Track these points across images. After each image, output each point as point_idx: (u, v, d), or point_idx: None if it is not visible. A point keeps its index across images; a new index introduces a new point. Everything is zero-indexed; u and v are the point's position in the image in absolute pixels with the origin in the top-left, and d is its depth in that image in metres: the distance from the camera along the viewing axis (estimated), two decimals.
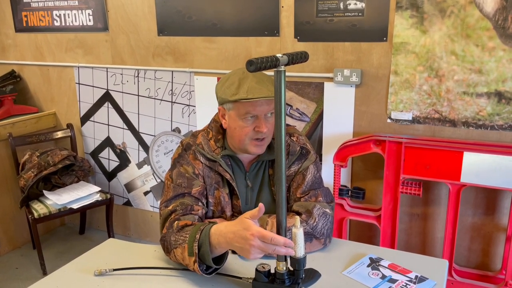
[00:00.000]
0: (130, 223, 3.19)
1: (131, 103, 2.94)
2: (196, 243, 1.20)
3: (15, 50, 3.26)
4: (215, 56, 2.58)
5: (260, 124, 1.36)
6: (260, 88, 1.32)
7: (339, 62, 2.25)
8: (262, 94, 1.31)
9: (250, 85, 1.33)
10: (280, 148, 1.09)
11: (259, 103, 1.34)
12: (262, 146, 1.41)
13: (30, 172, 2.79)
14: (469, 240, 2.19)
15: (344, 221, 2.27)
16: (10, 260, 3.00)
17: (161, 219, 1.39)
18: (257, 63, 0.93)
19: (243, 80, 1.35)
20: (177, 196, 1.40)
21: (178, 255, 1.26)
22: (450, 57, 2.01)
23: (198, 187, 1.42)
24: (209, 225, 1.24)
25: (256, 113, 1.35)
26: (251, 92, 1.32)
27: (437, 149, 1.99)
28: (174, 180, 1.44)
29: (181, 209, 1.37)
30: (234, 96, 1.33)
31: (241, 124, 1.37)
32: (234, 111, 1.38)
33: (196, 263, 1.19)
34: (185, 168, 1.45)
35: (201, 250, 1.20)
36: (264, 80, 1.36)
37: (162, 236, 1.34)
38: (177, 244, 1.26)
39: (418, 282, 1.21)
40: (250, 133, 1.38)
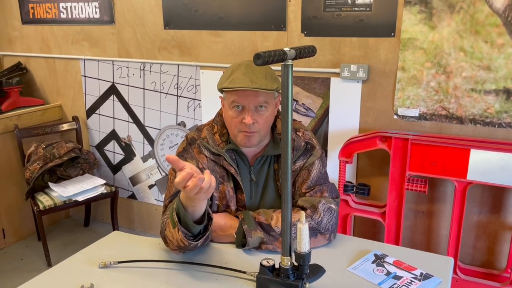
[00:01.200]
0: (135, 216, 3.20)
1: (136, 96, 2.94)
2: (174, 212, 1.21)
3: (21, 42, 3.27)
4: (221, 50, 2.57)
5: (246, 115, 1.37)
6: (244, 79, 1.34)
7: (346, 57, 2.23)
8: (242, 84, 1.33)
9: (236, 76, 1.35)
10: (286, 142, 1.09)
11: (245, 93, 1.35)
12: (249, 138, 1.41)
13: (36, 164, 2.80)
14: (474, 238, 2.17)
15: (348, 217, 2.26)
16: (15, 251, 3.02)
17: (163, 214, 1.39)
18: (265, 56, 0.92)
19: (234, 71, 1.38)
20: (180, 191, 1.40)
21: (168, 235, 1.26)
22: (458, 54, 1.99)
23: None
24: None
25: (242, 103, 1.37)
26: (233, 82, 1.35)
27: (443, 146, 1.98)
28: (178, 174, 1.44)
29: None
30: (221, 85, 1.39)
31: (231, 114, 1.40)
32: (226, 100, 1.42)
33: (180, 231, 1.20)
34: (189, 162, 1.45)
35: (180, 217, 1.21)
36: (254, 71, 1.36)
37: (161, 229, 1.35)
38: (164, 225, 1.28)
39: (423, 279, 1.21)
40: (238, 124, 1.39)
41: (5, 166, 2.98)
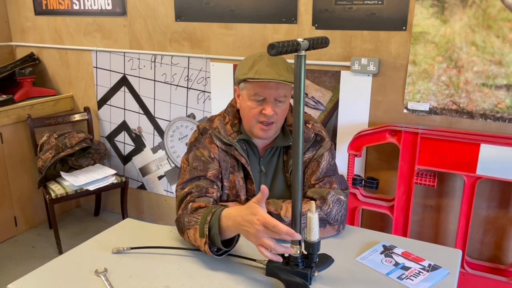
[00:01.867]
0: (144, 207, 3.24)
1: (147, 88, 2.97)
2: (207, 225, 1.22)
3: (34, 33, 3.30)
4: (232, 42, 2.58)
5: (267, 106, 1.38)
6: (269, 71, 1.34)
7: (357, 50, 2.23)
8: (269, 76, 1.33)
9: (260, 67, 1.35)
10: (298, 133, 1.10)
11: (268, 85, 1.36)
12: (267, 131, 1.42)
13: (48, 154, 2.85)
14: (482, 233, 2.18)
15: (356, 210, 2.27)
16: (27, 238, 3.08)
17: (177, 200, 1.42)
18: (279, 46, 0.94)
19: (257, 61, 1.38)
20: (193, 179, 1.43)
21: (191, 236, 1.28)
22: (470, 48, 1.99)
23: (213, 171, 1.44)
24: (220, 208, 1.25)
25: (264, 95, 1.37)
26: (259, 73, 1.34)
27: (453, 141, 1.98)
28: (190, 163, 1.46)
29: (197, 191, 1.39)
30: (244, 75, 1.38)
31: (250, 104, 1.40)
32: (245, 91, 1.41)
33: (207, 244, 1.21)
34: (201, 151, 1.47)
35: (211, 232, 1.22)
36: (278, 64, 1.37)
37: (177, 217, 1.37)
38: (190, 225, 1.28)
39: (431, 270, 1.22)
40: (257, 115, 1.40)
41: (18, 155, 3.02)
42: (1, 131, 2.90)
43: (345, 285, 1.16)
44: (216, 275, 1.20)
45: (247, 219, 1.13)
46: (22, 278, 1.19)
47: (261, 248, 1.12)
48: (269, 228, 1.09)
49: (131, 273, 1.21)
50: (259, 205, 1.13)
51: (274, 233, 1.09)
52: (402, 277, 1.19)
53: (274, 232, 1.09)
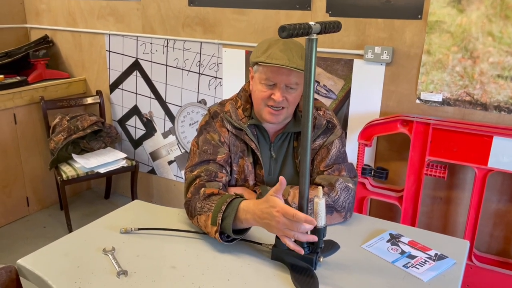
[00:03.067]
0: (154, 191, 3.27)
1: (159, 72, 2.97)
2: (221, 214, 1.22)
3: (48, 15, 3.32)
4: (244, 28, 2.56)
5: (276, 92, 1.37)
6: (282, 56, 1.33)
7: (371, 39, 2.21)
8: (280, 62, 1.32)
9: (274, 51, 1.34)
10: (307, 118, 1.10)
11: (280, 71, 1.35)
12: (276, 115, 1.41)
13: (60, 136, 2.88)
14: (492, 226, 2.16)
15: (365, 200, 2.27)
16: (39, 219, 3.13)
17: (186, 183, 1.42)
18: (290, 29, 0.93)
19: (272, 45, 1.37)
20: (202, 162, 1.43)
21: (201, 222, 1.29)
22: (486, 38, 1.95)
23: (223, 155, 1.45)
24: (237, 199, 1.26)
25: (275, 81, 1.37)
26: (271, 57, 1.34)
27: (466, 133, 1.95)
28: (200, 146, 1.47)
29: (206, 175, 1.39)
30: (257, 58, 1.38)
31: (260, 88, 1.40)
32: (258, 74, 1.41)
33: (217, 233, 1.22)
34: (211, 135, 1.47)
35: (224, 222, 1.22)
36: (292, 49, 1.35)
37: (186, 200, 1.38)
38: (202, 211, 1.29)
39: (437, 259, 1.22)
40: (266, 98, 1.39)
41: (31, 136, 3.07)
42: (15, 112, 2.94)
43: (350, 271, 1.17)
44: (222, 257, 1.21)
45: (267, 212, 1.14)
46: (31, 254, 1.22)
47: (285, 239, 1.13)
48: (288, 217, 1.10)
49: (139, 252, 1.22)
50: (276, 196, 1.15)
51: (294, 222, 1.10)
52: (408, 265, 1.19)
53: (294, 221, 1.10)
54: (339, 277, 1.14)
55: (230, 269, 1.16)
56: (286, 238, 1.13)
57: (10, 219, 3.05)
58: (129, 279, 1.10)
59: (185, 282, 1.10)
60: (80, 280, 1.10)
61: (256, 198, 1.40)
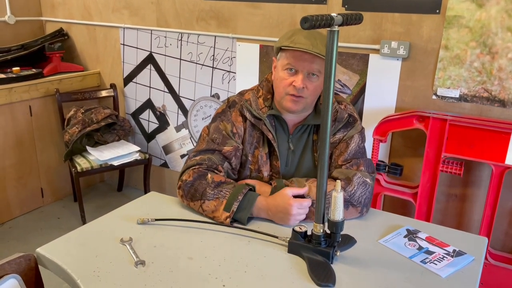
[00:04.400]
0: (166, 184, 3.29)
1: (173, 66, 2.98)
2: (237, 203, 1.31)
3: (64, 9, 3.34)
4: (259, 22, 2.55)
5: (298, 78, 1.37)
6: (306, 42, 1.34)
7: (387, 33, 2.19)
8: (303, 46, 1.33)
9: (298, 37, 1.36)
10: (327, 109, 1.09)
11: (302, 57, 1.35)
12: (297, 103, 1.41)
13: (75, 128, 2.90)
14: (507, 225, 2.13)
15: (379, 196, 2.25)
16: (53, 210, 3.17)
17: (185, 165, 1.45)
18: (312, 20, 0.92)
19: (296, 33, 1.38)
20: (208, 150, 1.46)
21: (209, 207, 1.34)
22: (505, 34, 1.92)
23: (230, 147, 1.45)
24: (252, 194, 1.35)
25: (297, 67, 1.37)
26: (295, 42, 1.35)
27: (483, 129, 1.93)
28: (210, 133, 1.48)
29: (207, 164, 1.42)
30: (281, 43, 1.39)
31: (281, 75, 1.40)
32: (280, 61, 1.42)
33: (229, 218, 1.31)
34: (224, 124, 1.48)
35: (239, 213, 1.32)
36: (316, 38, 1.36)
37: (186, 182, 1.40)
38: (213, 197, 1.34)
39: (455, 256, 1.20)
40: (287, 86, 1.39)
41: (46, 128, 3.09)
42: (30, 104, 2.96)
43: (367, 266, 1.16)
44: (239, 250, 1.21)
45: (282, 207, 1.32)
46: (50, 243, 1.23)
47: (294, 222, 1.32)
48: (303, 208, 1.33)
49: (156, 243, 1.23)
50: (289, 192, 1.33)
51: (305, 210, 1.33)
52: (426, 261, 1.18)
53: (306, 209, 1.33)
54: (356, 271, 1.13)
55: (247, 261, 1.16)
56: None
57: (24, 210, 3.09)
58: (147, 269, 1.11)
59: (202, 273, 1.10)
60: (99, 269, 1.11)
61: (271, 191, 1.40)
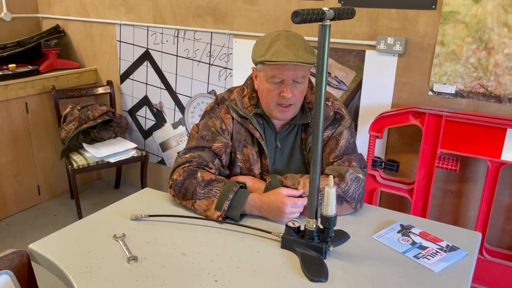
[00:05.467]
0: (163, 181, 3.28)
1: (169, 63, 2.97)
2: (228, 202, 1.30)
3: (60, 5, 3.33)
4: (256, 18, 2.55)
5: (285, 89, 1.36)
6: (287, 52, 1.31)
7: (383, 29, 2.18)
8: (287, 58, 1.30)
9: (277, 48, 1.32)
10: (319, 106, 1.09)
11: (286, 67, 1.33)
12: (286, 112, 1.41)
13: (71, 125, 2.90)
14: (503, 221, 2.13)
15: (375, 192, 2.25)
16: (50, 207, 3.16)
17: (175, 164, 1.45)
18: (303, 14, 0.92)
19: (274, 42, 1.34)
20: (198, 147, 1.45)
21: (201, 206, 1.33)
22: (502, 29, 1.91)
23: (220, 144, 1.45)
24: (243, 190, 1.34)
25: (282, 77, 1.35)
26: (276, 55, 1.31)
27: (479, 125, 1.93)
28: (199, 131, 1.48)
29: (197, 162, 1.41)
30: (261, 57, 1.34)
31: (268, 87, 1.38)
32: (263, 73, 1.39)
33: (221, 218, 1.30)
34: (213, 121, 1.47)
35: (231, 211, 1.31)
36: (295, 44, 1.33)
37: (177, 182, 1.39)
38: (204, 196, 1.33)
39: (449, 251, 1.20)
40: (276, 97, 1.38)
41: (42, 125, 3.09)
42: (27, 101, 2.96)
43: (360, 261, 1.16)
44: (232, 245, 1.21)
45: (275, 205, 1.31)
46: (42, 239, 1.23)
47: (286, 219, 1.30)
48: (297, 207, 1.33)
49: (149, 239, 1.23)
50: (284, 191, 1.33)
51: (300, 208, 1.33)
52: (419, 256, 1.18)
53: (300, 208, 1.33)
54: (349, 266, 1.13)
55: (240, 256, 1.16)
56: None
57: (21, 207, 3.09)
58: (139, 265, 1.11)
59: (194, 268, 1.10)
60: (91, 265, 1.10)
61: (265, 187, 1.40)
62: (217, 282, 1.05)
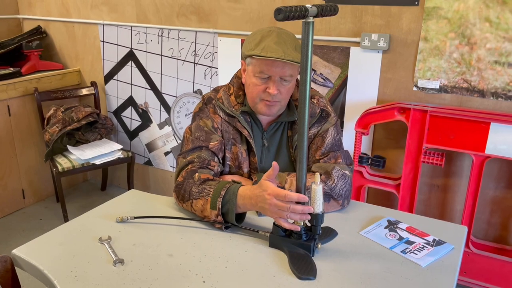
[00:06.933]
0: (150, 182, 3.26)
1: (154, 63, 2.94)
2: (221, 199, 1.25)
3: (41, 6, 3.28)
4: (240, 16, 2.54)
5: (272, 85, 1.35)
6: (277, 49, 1.30)
7: (367, 26, 2.19)
8: (275, 55, 1.29)
9: (267, 44, 1.31)
10: (304, 103, 1.08)
11: (274, 64, 1.32)
12: (271, 107, 1.40)
13: (55, 127, 2.85)
14: (489, 213, 2.16)
15: (362, 188, 2.26)
16: (35, 211, 3.12)
17: (178, 168, 1.42)
18: (286, 11, 0.91)
19: (265, 37, 1.34)
20: (195, 148, 1.43)
21: (198, 206, 1.29)
22: (483, 24, 1.94)
23: (215, 142, 1.44)
24: (236, 185, 1.28)
25: (269, 73, 1.35)
26: (265, 51, 1.31)
27: (463, 119, 1.95)
28: (193, 133, 1.46)
29: (198, 161, 1.39)
30: (251, 51, 1.34)
31: (254, 81, 1.38)
32: (251, 67, 1.38)
33: (219, 216, 1.24)
34: (204, 121, 1.46)
35: (225, 207, 1.25)
36: (286, 42, 1.33)
37: (178, 183, 1.37)
38: (199, 196, 1.29)
39: (435, 245, 1.21)
40: (261, 93, 1.38)
41: (25, 128, 3.04)
42: (9, 104, 2.90)
43: (348, 257, 1.16)
44: (219, 245, 1.20)
45: (260, 196, 1.18)
46: (26, 244, 1.20)
47: (280, 220, 1.16)
48: (280, 198, 1.13)
49: (135, 241, 1.21)
50: (269, 180, 1.18)
51: (286, 202, 1.13)
52: (406, 251, 1.18)
53: (288, 202, 1.13)
54: (337, 263, 1.13)
55: (228, 256, 1.15)
56: (281, 220, 1.16)
57: (6, 211, 3.04)
58: (126, 268, 1.09)
59: (182, 270, 1.09)
60: (76, 269, 1.09)
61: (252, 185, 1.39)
62: (205, 283, 1.05)
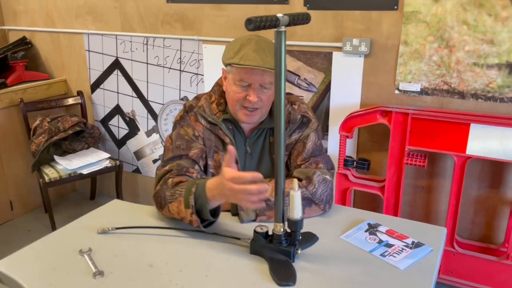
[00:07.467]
0: (139, 190, 3.25)
1: (140, 71, 2.95)
2: (193, 196, 1.23)
3: (26, 17, 3.27)
4: (224, 24, 2.55)
5: (251, 93, 1.36)
6: (255, 57, 1.32)
7: (349, 31, 2.21)
8: (254, 63, 1.31)
9: (246, 52, 1.33)
10: (280, 110, 1.10)
11: (253, 72, 1.34)
12: (252, 116, 1.42)
13: (41, 137, 2.84)
14: (473, 213, 2.19)
15: (348, 191, 2.28)
16: (23, 222, 3.10)
17: (156, 178, 1.43)
18: (256, 21, 0.92)
19: (244, 45, 1.35)
20: (174, 157, 1.43)
21: (174, 209, 1.29)
22: (461, 27, 1.97)
23: (196, 150, 1.44)
24: (204, 180, 1.27)
25: (249, 81, 1.36)
26: (244, 59, 1.32)
27: (443, 121, 1.97)
28: (173, 142, 1.47)
29: (176, 169, 1.40)
30: (230, 59, 1.36)
31: (235, 89, 1.39)
32: (231, 75, 1.40)
33: (194, 214, 1.23)
34: (185, 130, 1.47)
35: (198, 203, 1.23)
36: (265, 50, 1.34)
37: (155, 192, 1.38)
38: (172, 198, 1.29)
39: (414, 247, 1.23)
40: (241, 100, 1.39)
41: (12, 139, 3.02)
42: None
43: (328, 262, 1.17)
44: (200, 254, 1.21)
45: (221, 183, 1.17)
46: (7, 257, 1.21)
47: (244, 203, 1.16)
48: (237, 181, 1.12)
49: (116, 252, 1.21)
50: (227, 167, 1.16)
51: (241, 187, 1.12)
52: (385, 254, 1.20)
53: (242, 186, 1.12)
54: (317, 268, 1.14)
55: (209, 265, 1.16)
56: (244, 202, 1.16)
57: None
58: (106, 279, 1.10)
59: (162, 280, 1.10)
60: (56, 282, 1.09)
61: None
62: None
